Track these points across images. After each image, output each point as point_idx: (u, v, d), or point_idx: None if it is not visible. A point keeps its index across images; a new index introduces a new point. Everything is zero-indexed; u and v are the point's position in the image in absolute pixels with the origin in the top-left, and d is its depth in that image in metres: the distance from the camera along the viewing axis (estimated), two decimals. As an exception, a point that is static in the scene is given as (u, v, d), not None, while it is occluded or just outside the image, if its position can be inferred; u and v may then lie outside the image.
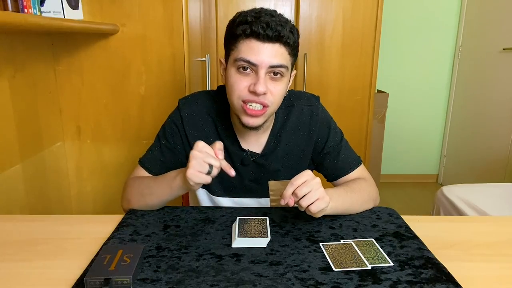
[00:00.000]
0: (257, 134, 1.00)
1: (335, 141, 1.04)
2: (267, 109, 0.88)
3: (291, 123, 1.02)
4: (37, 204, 1.41)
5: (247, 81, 0.86)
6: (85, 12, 1.46)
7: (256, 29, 0.82)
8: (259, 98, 0.85)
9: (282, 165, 1.03)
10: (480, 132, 2.76)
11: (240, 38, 0.85)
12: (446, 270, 0.70)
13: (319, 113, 1.03)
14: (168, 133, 1.01)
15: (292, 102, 1.03)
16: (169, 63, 1.52)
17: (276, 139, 1.01)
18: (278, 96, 0.88)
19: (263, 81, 0.84)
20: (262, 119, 0.90)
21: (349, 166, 1.05)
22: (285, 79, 0.89)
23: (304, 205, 0.78)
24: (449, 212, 1.59)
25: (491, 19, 2.66)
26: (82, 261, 0.73)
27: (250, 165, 1.01)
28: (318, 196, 0.78)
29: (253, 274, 0.68)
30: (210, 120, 1.01)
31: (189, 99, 1.03)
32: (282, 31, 0.83)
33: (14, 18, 0.94)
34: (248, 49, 0.84)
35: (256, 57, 0.83)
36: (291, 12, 2.23)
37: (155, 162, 1.01)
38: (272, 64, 0.84)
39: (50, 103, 1.50)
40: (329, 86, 2.32)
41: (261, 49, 0.83)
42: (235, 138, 1.00)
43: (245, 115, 0.88)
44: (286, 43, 0.85)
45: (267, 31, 0.82)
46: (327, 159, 1.05)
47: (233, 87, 0.87)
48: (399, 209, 0.99)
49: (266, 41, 0.83)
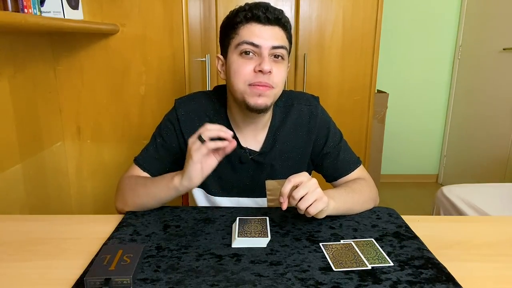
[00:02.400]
0: (256, 130, 1.00)
1: (335, 142, 1.04)
2: (272, 90, 0.89)
3: (290, 122, 1.02)
4: (37, 204, 1.41)
5: (251, 64, 0.87)
6: (85, 12, 1.46)
7: (256, 12, 0.86)
8: (264, 79, 0.87)
9: (281, 165, 1.03)
10: (480, 132, 2.76)
11: (240, 24, 0.88)
12: (446, 270, 0.70)
13: (318, 114, 1.04)
14: (163, 132, 1.01)
15: (292, 101, 1.03)
16: (169, 63, 1.52)
17: (274, 137, 1.01)
18: (282, 78, 0.90)
19: (268, 60, 0.86)
20: (268, 100, 0.89)
21: (348, 166, 1.05)
22: (285, 62, 0.91)
23: (303, 208, 0.77)
24: (449, 212, 1.59)
25: (491, 19, 2.66)
26: (82, 261, 0.73)
27: (248, 163, 1.01)
28: (316, 197, 0.78)
29: (253, 274, 0.68)
30: (207, 119, 1.00)
31: (185, 99, 1.04)
32: (280, 15, 0.88)
33: (14, 18, 0.94)
34: (249, 32, 0.87)
35: (259, 39, 0.86)
36: (291, 12, 2.23)
37: (150, 161, 1.01)
38: (274, 44, 0.87)
39: (50, 103, 1.50)
40: (329, 86, 2.32)
41: (262, 31, 0.86)
42: (234, 135, 1.00)
43: (253, 96, 0.88)
44: (284, 27, 0.89)
45: (267, 14, 0.86)
46: (326, 159, 1.05)
47: (238, 71, 0.88)
48: (399, 209, 0.99)
49: (267, 24, 0.87)
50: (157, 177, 0.94)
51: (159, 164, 1.01)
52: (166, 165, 1.01)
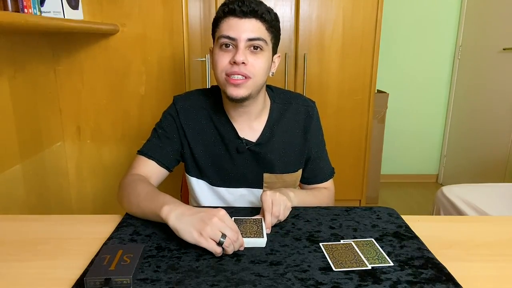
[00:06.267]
0: (250, 120, 1.03)
1: (320, 149, 1.12)
2: (249, 80, 0.92)
3: (287, 119, 1.07)
4: (37, 204, 1.41)
5: (229, 55, 0.91)
6: (85, 12, 1.46)
7: (232, 6, 0.89)
8: (239, 69, 0.90)
9: (279, 160, 1.06)
10: (480, 132, 2.76)
11: (220, 18, 0.93)
12: (446, 270, 0.70)
13: (314, 116, 1.09)
14: (164, 124, 1.05)
15: (290, 100, 1.08)
16: (169, 63, 1.52)
17: (272, 130, 1.05)
18: (260, 68, 0.92)
19: (241, 52, 0.89)
20: (246, 90, 0.92)
21: (324, 176, 1.14)
22: (265, 53, 0.93)
23: (283, 219, 0.88)
24: (449, 212, 1.59)
25: (491, 19, 2.66)
26: (82, 261, 0.73)
27: (245, 153, 1.04)
28: (285, 206, 0.88)
29: (253, 274, 0.68)
30: (205, 113, 1.05)
31: (183, 95, 1.08)
32: (256, 7, 0.90)
33: (14, 18, 0.94)
34: (227, 26, 0.91)
35: (235, 32, 0.90)
36: (291, 12, 2.23)
37: (154, 148, 1.03)
38: (250, 37, 0.90)
39: (50, 103, 1.50)
40: (329, 86, 2.32)
41: (239, 25, 0.90)
42: (231, 126, 1.03)
43: (229, 87, 0.92)
44: (262, 18, 0.91)
45: (242, 7, 0.89)
46: (309, 164, 1.11)
47: (217, 62, 0.93)
48: (399, 209, 1.00)
49: (243, 17, 0.90)
50: (151, 193, 0.88)
51: (163, 151, 1.03)
52: (170, 152, 1.04)
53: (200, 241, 0.72)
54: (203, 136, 1.05)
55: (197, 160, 1.06)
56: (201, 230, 0.73)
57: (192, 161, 1.07)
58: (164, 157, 1.03)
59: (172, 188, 1.37)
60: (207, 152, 1.06)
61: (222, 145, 1.05)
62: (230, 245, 0.73)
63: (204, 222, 0.73)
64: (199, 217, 0.75)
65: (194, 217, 0.75)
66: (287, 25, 2.25)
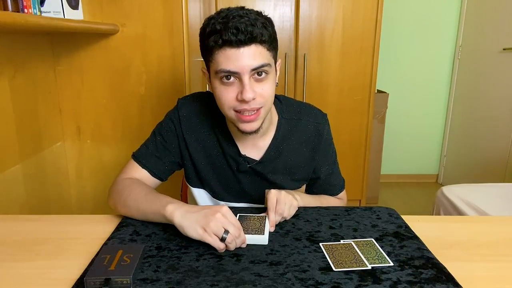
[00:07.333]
0: (255, 138, 0.97)
1: (330, 166, 1.07)
2: (261, 111, 0.86)
3: (295, 138, 1.01)
4: (37, 204, 1.41)
5: (233, 90, 0.83)
6: (85, 12, 1.46)
7: (227, 38, 0.78)
8: (249, 105, 0.83)
9: (282, 179, 1.02)
10: (480, 132, 2.76)
11: (214, 49, 0.81)
12: (446, 270, 0.70)
13: (324, 134, 1.03)
14: (164, 131, 1.00)
15: (300, 116, 1.01)
16: (169, 63, 1.52)
17: (277, 149, 0.99)
18: (268, 95, 0.86)
19: (249, 88, 0.81)
20: (259, 122, 0.88)
21: (334, 191, 1.11)
22: (270, 76, 0.86)
23: (287, 217, 0.89)
24: (449, 212, 1.59)
25: (491, 19, 2.66)
26: (82, 261, 0.73)
27: (247, 172, 1.00)
28: (291, 205, 0.89)
29: (253, 274, 0.68)
30: (209, 122, 0.99)
31: (188, 99, 1.02)
32: (254, 31, 0.79)
33: (14, 18, 0.93)
34: (225, 59, 0.80)
35: (235, 65, 0.80)
36: (291, 12, 2.23)
37: (149, 157, 0.99)
38: (253, 66, 0.81)
39: (50, 103, 1.50)
40: (329, 86, 2.32)
41: (238, 55, 0.79)
42: (233, 142, 0.98)
43: (241, 123, 0.87)
44: (262, 41, 0.81)
45: (239, 36, 0.78)
46: (317, 182, 1.08)
47: (221, 99, 0.85)
48: (399, 209, 1.00)
49: (241, 46, 0.79)
50: (151, 195, 0.88)
51: (159, 161, 0.99)
52: (166, 164, 1.00)
53: (204, 237, 0.75)
54: (205, 146, 1.00)
55: (198, 170, 1.02)
56: (205, 226, 0.75)
57: (193, 170, 1.03)
58: (158, 168, 0.99)
59: (172, 188, 1.37)
60: (209, 164, 1.01)
61: (223, 159, 1.00)
62: (232, 241, 0.75)
63: (207, 218, 0.76)
64: (203, 213, 0.77)
65: (198, 213, 0.77)
66: (287, 25, 2.25)
